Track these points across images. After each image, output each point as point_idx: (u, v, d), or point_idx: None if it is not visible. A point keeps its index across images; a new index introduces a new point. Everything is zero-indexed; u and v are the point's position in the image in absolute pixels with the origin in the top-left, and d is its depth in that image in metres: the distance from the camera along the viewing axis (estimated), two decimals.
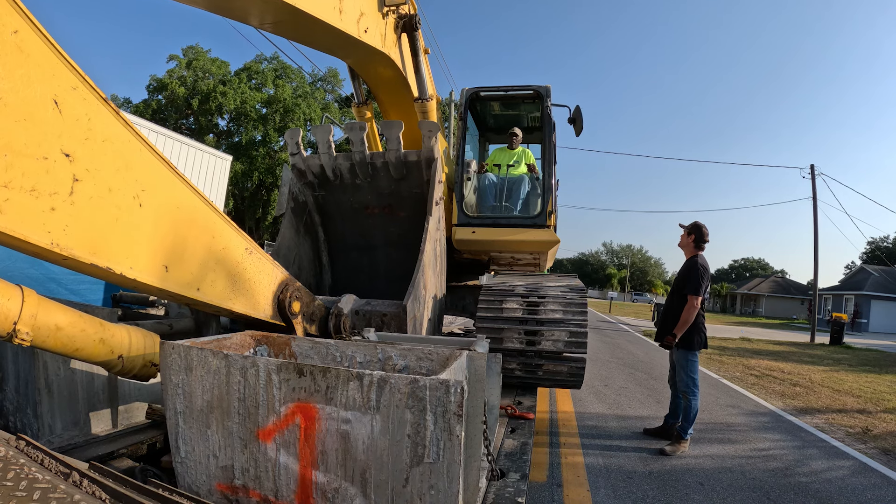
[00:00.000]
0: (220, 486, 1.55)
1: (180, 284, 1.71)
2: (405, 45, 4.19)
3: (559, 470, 4.13)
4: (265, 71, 29.65)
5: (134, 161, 1.50)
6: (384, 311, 2.98)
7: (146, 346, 1.85)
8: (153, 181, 1.58)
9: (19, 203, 1.17)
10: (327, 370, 1.40)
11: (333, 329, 2.84)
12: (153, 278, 1.59)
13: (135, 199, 1.50)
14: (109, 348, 1.69)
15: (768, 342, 18.51)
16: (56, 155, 1.25)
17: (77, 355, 1.61)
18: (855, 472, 4.57)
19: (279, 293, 2.35)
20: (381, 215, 4.16)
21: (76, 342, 1.57)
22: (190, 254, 1.77)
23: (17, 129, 1.15)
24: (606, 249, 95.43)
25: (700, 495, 3.77)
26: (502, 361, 2.37)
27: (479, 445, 1.68)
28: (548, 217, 4.91)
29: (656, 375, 9.19)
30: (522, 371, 3.52)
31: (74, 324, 1.56)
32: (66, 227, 1.29)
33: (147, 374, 1.90)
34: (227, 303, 1.98)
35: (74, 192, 1.30)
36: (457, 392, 1.28)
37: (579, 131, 5.33)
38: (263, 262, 2.22)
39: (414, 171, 3.79)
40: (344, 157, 3.87)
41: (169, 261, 1.66)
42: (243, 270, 2.08)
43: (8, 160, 1.13)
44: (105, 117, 1.40)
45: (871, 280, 38.64)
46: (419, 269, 3.17)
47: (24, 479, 1.23)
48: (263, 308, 2.25)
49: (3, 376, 2.18)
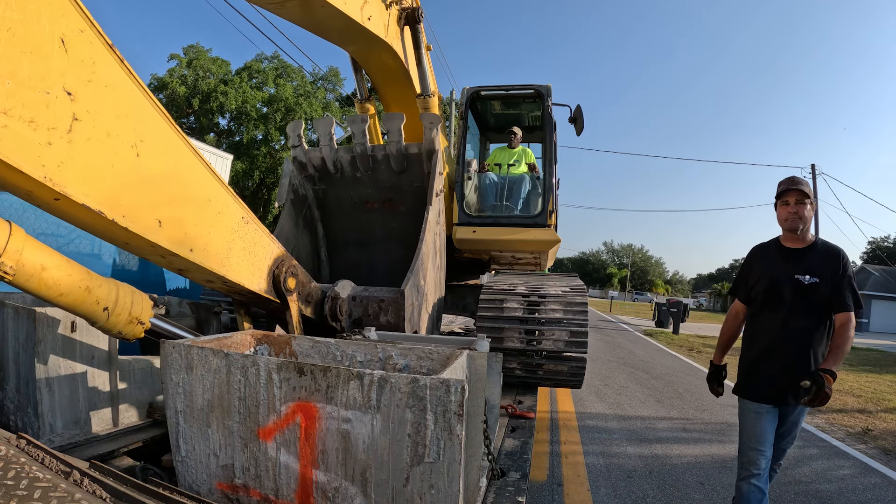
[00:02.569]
0: (220, 485, 1.55)
1: (172, 242, 1.69)
2: (407, 39, 4.21)
3: (560, 469, 4.13)
4: (266, 70, 29.62)
5: (134, 111, 1.51)
6: (382, 298, 2.95)
7: (133, 301, 1.76)
8: (153, 134, 1.58)
9: (17, 132, 1.17)
10: (328, 369, 1.40)
11: (329, 313, 2.80)
12: (145, 231, 1.58)
13: (132, 148, 1.50)
14: (95, 298, 1.61)
15: None
16: (58, 91, 1.26)
17: (61, 301, 1.54)
18: (855, 472, 4.57)
19: (275, 268, 2.32)
20: (381, 210, 4.14)
21: (61, 286, 1.49)
22: (185, 213, 1.75)
23: (22, 60, 1.16)
24: (607, 249, 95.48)
25: (700, 495, 3.77)
26: (503, 361, 2.37)
27: (479, 445, 1.68)
28: (548, 216, 4.91)
29: (657, 375, 9.19)
30: (523, 370, 3.52)
31: (61, 267, 1.50)
32: (60, 164, 1.29)
33: (133, 332, 1.81)
34: (221, 269, 1.95)
35: (73, 130, 1.31)
36: (457, 391, 1.28)
37: (580, 130, 5.32)
38: (260, 234, 2.19)
39: (415, 163, 3.78)
40: (345, 150, 3.87)
41: (162, 216, 1.64)
42: (239, 239, 2.06)
43: (10, 88, 1.15)
44: (109, 63, 1.41)
45: (871, 280, 38.58)
46: (418, 258, 3.15)
47: (25, 478, 1.23)
48: (258, 281, 2.20)
49: (4, 375, 2.18)
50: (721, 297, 63.60)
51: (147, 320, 1.83)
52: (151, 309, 1.87)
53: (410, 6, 4.07)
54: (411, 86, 4.45)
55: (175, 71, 28.51)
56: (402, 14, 4.03)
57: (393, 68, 4.22)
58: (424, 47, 4.36)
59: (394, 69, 4.23)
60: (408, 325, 2.97)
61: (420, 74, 4.38)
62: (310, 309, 2.70)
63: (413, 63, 4.35)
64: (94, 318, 1.67)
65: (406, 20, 4.10)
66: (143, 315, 1.81)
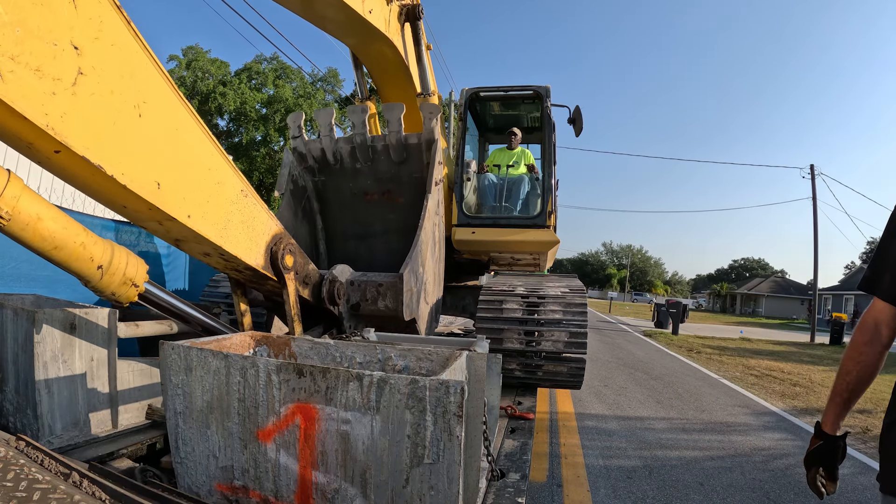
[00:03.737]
0: (220, 486, 1.55)
1: (170, 205, 1.69)
2: (408, 36, 4.22)
3: (559, 470, 4.13)
4: (265, 71, 29.62)
5: (139, 72, 1.53)
6: (380, 282, 2.92)
7: (129, 263, 1.74)
8: (156, 96, 1.60)
9: (23, 78, 1.20)
10: (327, 370, 1.40)
11: (327, 295, 2.77)
12: (144, 191, 1.58)
13: (135, 108, 1.52)
14: (90, 255, 1.59)
15: (768, 342, 18.52)
16: (65, 45, 1.29)
17: (55, 255, 1.52)
18: (855, 472, 4.57)
19: (273, 244, 2.30)
20: (381, 202, 4.12)
21: (56, 238, 1.48)
22: (184, 178, 1.76)
23: (32, 10, 1.20)
24: (606, 249, 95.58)
25: (700, 495, 3.77)
26: (502, 362, 2.37)
27: (479, 446, 1.68)
28: (548, 217, 4.91)
29: (656, 375, 9.19)
30: (522, 371, 3.52)
31: (57, 219, 1.49)
32: (63, 115, 1.31)
33: (126, 294, 1.76)
34: (219, 239, 1.95)
35: (77, 83, 1.33)
36: (457, 392, 1.28)
37: (579, 131, 5.33)
38: (259, 209, 2.19)
39: (414, 153, 3.78)
40: (345, 141, 3.87)
41: (162, 178, 1.64)
42: (237, 211, 2.05)
43: (19, 35, 1.18)
44: (116, 24, 1.44)
45: None
46: (417, 244, 3.12)
47: (24, 480, 1.23)
48: (255, 256, 2.20)
49: (3, 377, 2.18)
50: (720, 297, 63.69)
51: (141, 283, 1.79)
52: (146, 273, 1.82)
53: (411, 3, 4.09)
54: (411, 84, 4.45)
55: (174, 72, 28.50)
56: (402, 10, 4.04)
57: (393, 64, 4.22)
58: (424, 46, 4.38)
59: (394, 65, 4.23)
60: (406, 311, 2.92)
61: (420, 72, 4.38)
62: (307, 291, 2.68)
63: (413, 60, 4.36)
64: (88, 277, 1.64)
65: (407, 17, 4.12)
66: (138, 277, 1.77)
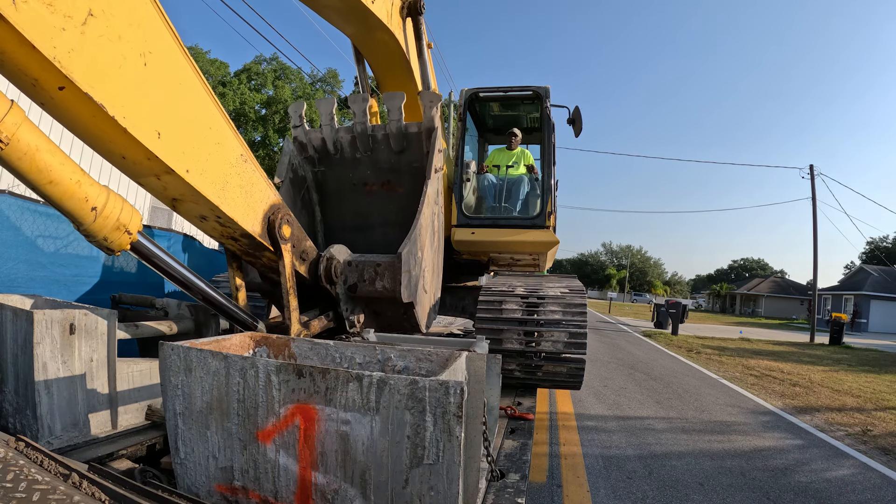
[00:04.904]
0: (219, 487, 1.55)
1: (170, 156, 1.71)
2: (409, 31, 4.23)
3: (559, 470, 4.13)
4: (265, 72, 29.64)
5: (147, 23, 1.58)
6: (378, 262, 2.90)
7: (123, 209, 1.71)
8: (162, 50, 1.64)
9: (36, 10, 1.25)
10: (327, 371, 1.40)
11: (324, 273, 2.75)
12: (144, 137, 1.61)
13: (141, 56, 1.56)
14: (85, 195, 1.57)
15: (768, 342, 18.52)
16: None
17: (49, 190, 1.50)
18: (855, 471, 4.58)
19: (270, 213, 2.29)
20: (380, 192, 4.11)
21: (52, 172, 1.47)
22: (184, 132, 1.78)
23: None
24: (606, 250, 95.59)
25: (700, 495, 3.77)
26: (502, 362, 2.37)
27: (478, 446, 1.68)
28: (547, 218, 4.91)
29: (656, 376, 9.19)
30: (522, 372, 3.52)
31: (55, 153, 1.48)
32: (71, 51, 1.35)
33: (119, 240, 1.72)
34: (216, 199, 1.95)
35: (87, 24, 1.38)
36: (456, 393, 1.28)
37: (578, 132, 5.34)
38: (257, 177, 2.18)
39: (414, 142, 3.78)
40: (345, 130, 3.87)
41: (162, 129, 1.67)
42: (236, 175, 2.05)
43: None
44: None
45: (870, 280, 38.66)
46: (416, 227, 3.09)
47: (24, 481, 1.23)
48: (252, 222, 2.19)
49: (3, 377, 2.17)
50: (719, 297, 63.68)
51: (135, 231, 1.76)
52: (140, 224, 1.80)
53: None
54: (412, 79, 4.45)
55: None
56: (404, 4, 4.06)
57: (395, 56, 4.23)
58: (426, 43, 4.39)
59: (395, 58, 4.24)
60: (404, 292, 2.89)
61: (421, 67, 4.39)
62: (304, 267, 2.66)
63: (414, 53, 4.37)
64: (81, 218, 1.61)
65: (409, 11, 4.13)
66: (132, 225, 1.74)
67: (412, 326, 3.28)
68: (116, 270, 4.77)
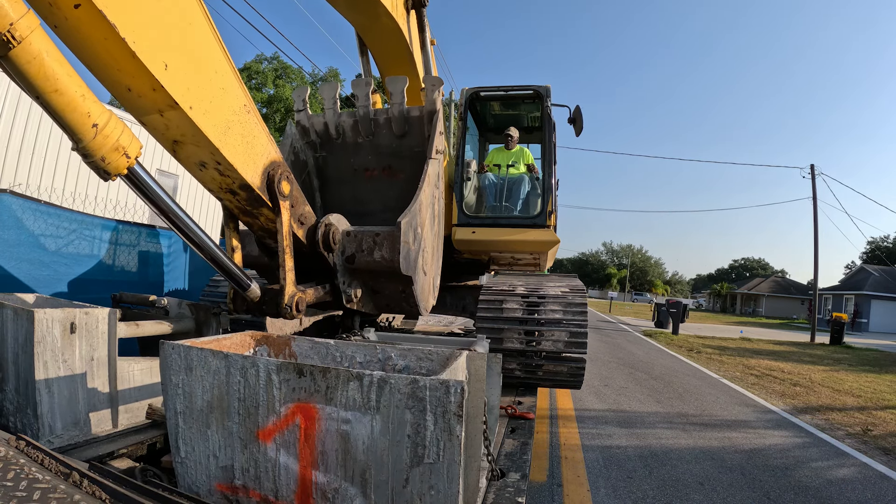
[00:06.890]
0: (220, 486, 1.55)
1: (175, 89, 1.71)
2: (413, 23, 4.24)
3: (559, 470, 4.13)
4: (265, 71, 29.61)
5: None
6: (377, 232, 2.88)
7: (124, 132, 1.70)
8: None
9: None
10: (327, 370, 1.40)
11: (322, 238, 2.72)
12: (152, 64, 1.61)
13: None
14: (87, 110, 1.56)
15: (768, 342, 18.52)
16: None
17: (54, 99, 1.50)
18: (855, 471, 4.58)
19: (270, 168, 2.27)
20: (381, 178, 4.09)
21: (59, 81, 1.48)
22: (191, 69, 1.79)
23: None
24: (606, 249, 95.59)
25: (700, 495, 3.78)
26: (502, 361, 2.37)
27: (479, 445, 1.68)
28: (548, 217, 4.91)
29: (656, 375, 9.19)
30: (522, 371, 3.52)
31: (63, 64, 1.50)
32: None
33: (116, 162, 1.69)
34: (218, 142, 1.94)
35: None
36: (457, 392, 1.28)
37: (579, 131, 5.33)
38: (259, 130, 2.17)
39: (416, 126, 3.78)
40: (348, 115, 3.88)
41: (170, 61, 1.68)
42: (238, 123, 2.04)
43: None
44: None
45: (871, 280, 38.63)
46: (416, 201, 3.07)
47: (25, 480, 1.23)
48: (252, 174, 2.17)
49: (4, 376, 2.18)
50: (720, 297, 63.65)
51: (133, 156, 1.74)
52: (140, 151, 1.78)
53: None
54: (415, 71, 4.45)
55: None
56: None
57: (398, 46, 4.24)
58: (428, 37, 4.40)
59: (399, 47, 4.25)
60: (403, 263, 2.85)
61: (424, 59, 4.40)
62: (302, 231, 2.63)
63: (417, 45, 4.38)
64: (81, 134, 1.60)
65: (413, 3, 4.14)
66: (131, 149, 1.72)
67: (410, 306, 3.21)
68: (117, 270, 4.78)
